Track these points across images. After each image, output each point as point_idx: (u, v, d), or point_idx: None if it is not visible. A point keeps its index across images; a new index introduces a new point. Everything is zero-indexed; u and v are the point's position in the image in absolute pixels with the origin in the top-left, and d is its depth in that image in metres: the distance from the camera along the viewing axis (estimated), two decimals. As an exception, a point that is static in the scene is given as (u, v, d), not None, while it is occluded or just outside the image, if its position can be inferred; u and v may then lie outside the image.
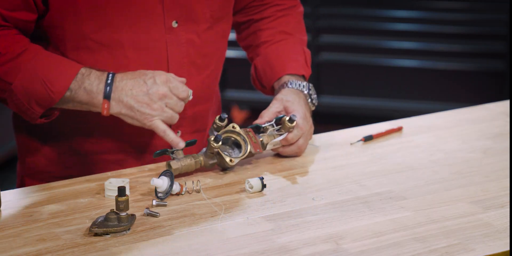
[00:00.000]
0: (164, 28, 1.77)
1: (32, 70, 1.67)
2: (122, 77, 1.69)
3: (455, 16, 4.14)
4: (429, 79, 4.26)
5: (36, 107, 1.69)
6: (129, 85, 1.68)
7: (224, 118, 1.71)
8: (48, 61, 1.69)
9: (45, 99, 1.68)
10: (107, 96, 1.67)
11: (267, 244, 1.42)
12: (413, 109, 4.16)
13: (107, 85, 1.67)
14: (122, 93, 1.68)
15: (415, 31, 4.19)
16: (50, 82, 1.67)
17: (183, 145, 1.70)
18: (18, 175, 1.93)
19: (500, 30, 4.09)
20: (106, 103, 1.68)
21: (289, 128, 1.76)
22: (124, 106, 1.68)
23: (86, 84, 1.68)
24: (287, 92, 1.86)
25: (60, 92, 1.67)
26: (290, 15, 2.01)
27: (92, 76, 1.68)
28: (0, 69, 1.67)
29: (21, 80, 1.67)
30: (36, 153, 1.87)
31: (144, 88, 1.68)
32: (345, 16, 4.23)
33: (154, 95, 1.68)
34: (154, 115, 1.69)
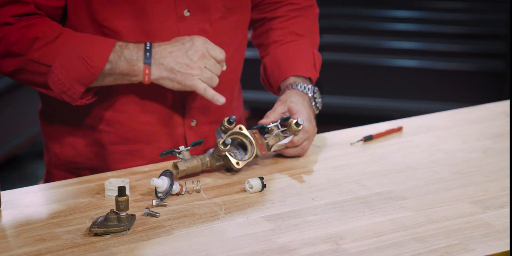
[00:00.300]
0: (176, 17, 1.78)
1: (70, 50, 1.70)
2: (160, 43, 1.73)
3: (455, 16, 4.14)
4: (429, 79, 4.26)
5: (77, 86, 1.72)
6: (168, 49, 1.72)
7: (233, 121, 1.71)
8: (84, 40, 1.73)
9: (86, 76, 1.71)
10: (147, 61, 1.71)
11: (267, 244, 1.42)
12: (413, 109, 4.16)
13: (146, 51, 1.72)
14: (162, 57, 1.72)
15: (415, 31, 4.19)
16: (89, 58, 1.70)
17: (223, 100, 1.75)
18: (46, 167, 1.97)
19: (500, 30, 4.09)
20: (147, 68, 1.71)
21: (295, 131, 1.77)
22: (164, 69, 1.72)
23: (126, 53, 1.71)
24: (291, 93, 1.86)
25: (99, 67, 1.70)
26: (304, 16, 2.01)
27: (130, 46, 1.72)
28: (38, 53, 1.71)
29: (61, 61, 1.70)
30: (66, 144, 1.90)
31: (183, 50, 1.72)
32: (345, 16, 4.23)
33: (193, 55, 1.72)
34: (194, 75, 1.73)
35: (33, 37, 1.70)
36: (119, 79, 1.74)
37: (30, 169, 4.10)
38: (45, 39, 1.71)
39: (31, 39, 1.70)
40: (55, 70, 1.71)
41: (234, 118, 1.71)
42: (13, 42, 1.71)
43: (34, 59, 1.71)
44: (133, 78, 1.73)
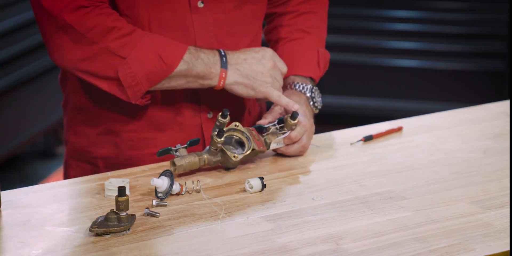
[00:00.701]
0: (190, 8, 1.78)
1: (147, 45, 1.71)
2: (232, 52, 1.77)
3: (455, 16, 4.14)
4: (429, 79, 4.26)
5: (146, 82, 1.72)
6: (242, 56, 1.76)
7: (227, 115, 1.71)
8: (158, 39, 1.74)
9: (157, 73, 1.72)
10: (224, 65, 1.74)
11: (267, 244, 1.42)
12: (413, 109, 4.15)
13: (222, 56, 1.75)
14: (238, 63, 1.75)
15: (415, 31, 4.18)
16: (164, 55, 1.72)
17: (297, 106, 1.77)
18: (64, 160, 1.97)
19: (500, 30, 4.09)
20: (224, 72, 1.74)
21: (292, 125, 1.76)
22: (240, 75, 1.75)
23: (202, 56, 1.74)
24: (289, 93, 1.86)
25: (172, 65, 1.71)
26: (313, 12, 2.01)
27: (205, 50, 1.75)
28: (115, 43, 1.70)
29: (137, 54, 1.71)
30: (80, 134, 1.90)
31: (257, 58, 1.77)
32: (345, 16, 4.23)
33: (267, 64, 1.77)
34: (268, 82, 1.77)
35: (110, 26, 1.69)
36: (191, 82, 1.75)
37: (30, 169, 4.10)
38: (122, 31, 1.70)
39: (108, 28, 1.69)
40: (130, 62, 1.70)
41: (228, 112, 1.71)
42: (90, 28, 1.69)
43: (110, 49, 1.70)
44: (206, 82, 1.75)
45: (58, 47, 1.72)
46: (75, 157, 1.92)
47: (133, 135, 1.85)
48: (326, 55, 1.99)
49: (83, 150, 1.90)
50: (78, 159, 1.92)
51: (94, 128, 1.88)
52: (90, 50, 1.70)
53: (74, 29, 1.69)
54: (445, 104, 4.04)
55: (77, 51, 1.71)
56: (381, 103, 4.32)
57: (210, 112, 1.87)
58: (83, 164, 1.90)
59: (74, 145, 1.91)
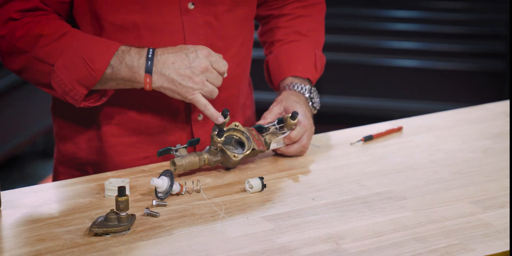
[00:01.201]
0: (180, 10, 1.77)
1: (73, 50, 1.69)
2: (163, 51, 1.70)
3: (455, 16, 4.14)
4: (429, 79, 4.26)
5: (79, 87, 1.71)
6: (171, 58, 1.69)
7: (227, 114, 1.71)
8: (88, 41, 1.71)
9: (87, 78, 1.70)
10: (148, 70, 1.69)
11: (267, 244, 1.42)
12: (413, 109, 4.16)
13: (148, 59, 1.69)
14: (164, 67, 1.69)
15: (415, 31, 4.19)
16: (90, 60, 1.69)
17: (222, 120, 1.71)
18: (54, 164, 1.97)
19: (500, 30, 4.09)
20: (148, 77, 1.69)
21: (292, 125, 1.76)
22: (166, 80, 1.69)
23: (127, 59, 1.69)
24: (288, 94, 1.86)
25: (100, 70, 1.69)
26: (310, 15, 2.00)
27: (132, 51, 1.70)
28: (42, 50, 1.70)
29: (63, 61, 1.69)
30: (67, 140, 1.89)
31: (186, 62, 1.69)
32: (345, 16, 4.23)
33: (196, 68, 1.69)
34: (196, 89, 1.70)
35: (38, 34, 1.69)
36: (121, 84, 1.72)
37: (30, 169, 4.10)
38: (50, 37, 1.70)
39: (35, 36, 1.69)
40: (57, 70, 1.70)
41: (228, 111, 1.71)
42: (18, 37, 1.70)
43: (38, 57, 1.70)
44: (135, 84, 1.72)
45: (2, 57, 1.75)
46: (64, 163, 1.92)
47: (120, 139, 1.85)
48: (323, 59, 1.99)
49: (72, 156, 1.89)
50: (67, 165, 1.91)
51: (81, 135, 1.87)
52: (24, 59, 1.71)
53: (6, 40, 1.70)
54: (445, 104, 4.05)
55: (14, 61, 1.73)
56: (381, 103, 4.32)
57: (201, 115, 1.86)
58: (72, 171, 1.89)
59: (63, 151, 1.91)
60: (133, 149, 1.85)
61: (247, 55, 1.93)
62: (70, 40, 1.70)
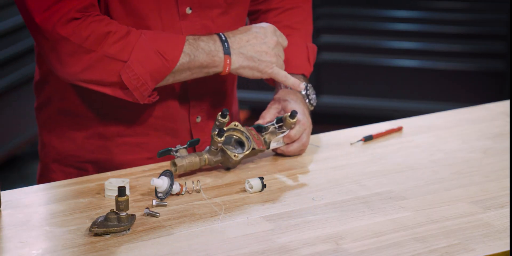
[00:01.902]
0: (178, 15, 1.77)
1: (144, 44, 1.69)
2: (233, 33, 1.74)
3: (455, 16, 4.14)
4: (429, 79, 4.26)
5: (150, 81, 1.71)
6: (245, 37, 1.74)
7: (226, 114, 1.71)
8: (155, 35, 1.72)
9: (160, 70, 1.70)
10: (227, 52, 1.71)
11: (267, 244, 1.42)
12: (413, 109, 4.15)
13: (223, 42, 1.72)
14: (241, 46, 1.72)
15: (415, 31, 4.19)
16: (164, 52, 1.70)
17: (303, 86, 1.78)
18: (42, 162, 1.95)
19: (500, 30, 4.09)
20: (228, 58, 1.72)
21: (291, 124, 1.77)
22: (245, 58, 1.72)
23: (202, 45, 1.71)
24: (285, 92, 1.86)
25: (174, 60, 1.70)
26: (298, 7, 2.00)
27: (204, 38, 1.72)
28: (114, 48, 1.68)
29: (137, 55, 1.69)
30: (64, 138, 1.89)
31: (259, 38, 1.74)
32: (345, 16, 4.23)
33: (271, 42, 1.74)
34: (273, 62, 1.75)
35: (105, 31, 1.68)
36: (196, 73, 1.73)
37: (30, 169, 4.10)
38: (117, 34, 1.69)
39: (103, 34, 1.68)
40: (131, 65, 1.69)
41: (227, 111, 1.71)
42: (85, 37, 1.67)
43: (109, 55, 1.68)
44: (212, 70, 1.73)
45: (57, 61, 1.70)
46: (58, 161, 1.91)
47: (127, 139, 1.85)
48: (314, 49, 1.99)
49: (69, 154, 1.89)
50: (62, 163, 1.90)
51: (81, 132, 1.86)
52: (89, 59, 1.69)
53: (69, 41, 1.67)
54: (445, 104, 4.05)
55: (77, 62, 1.69)
56: (381, 103, 4.32)
57: (199, 117, 1.87)
58: (67, 169, 1.89)
59: (57, 149, 1.90)
60: (137, 149, 1.85)
61: None
62: (137, 35, 1.70)
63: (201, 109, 1.87)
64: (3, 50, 3.64)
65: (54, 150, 1.91)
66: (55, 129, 1.90)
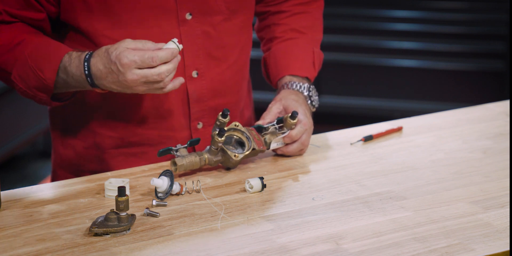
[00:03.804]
0: (177, 20, 1.77)
1: (24, 60, 1.71)
2: (95, 64, 1.66)
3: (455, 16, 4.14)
4: (429, 79, 4.26)
5: (40, 94, 1.73)
6: (104, 73, 1.66)
7: (227, 114, 1.70)
8: (37, 49, 1.72)
9: (43, 86, 1.72)
10: (92, 85, 1.69)
11: (267, 244, 1.42)
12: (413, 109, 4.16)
13: (87, 76, 1.68)
14: (103, 81, 1.67)
15: (415, 31, 4.19)
16: (40, 70, 1.70)
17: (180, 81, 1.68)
18: (52, 166, 1.97)
19: (500, 30, 4.10)
20: (96, 89, 1.71)
21: (291, 124, 1.77)
22: (112, 88, 1.68)
23: (72, 73, 1.69)
24: (287, 93, 1.86)
25: (50, 78, 1.70)
26: (308, 12, 2.00)
27: (73, 65, 1.69)
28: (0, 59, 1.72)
29: (17, 70, 1.71)
30: (68, 146, 1.90)
31: (115, 76, 1.64)
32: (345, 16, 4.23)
33: (127, 82, 1.64)
34: (141, 92, 1.67)
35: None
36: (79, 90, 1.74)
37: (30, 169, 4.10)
38: (6, 47, 1.71)
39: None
40: (14, 80, 1.73)
41: (228, 111, 1.70)
42: None
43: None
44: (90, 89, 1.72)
45: None
46: (63, 168, 1.92)
47: (123, 150, 1.85)
48: (321, 56, 1.99)
49: (71, 162, 1.90)
50: (66, 170, 1.92)
51: (81, 142, 1.87)
52: None
53: None
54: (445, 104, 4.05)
55: None
56: (381, 103, 4.32)
57: (200, 123, 1.86)
58: (71, 176, 1.89)
59: (62, 156, 1.91)
60: (133, 159, 1.85)
61: (246, 62, 1.94)
62: (23, 48, 1.71)
63: (202, 114, 1.86)
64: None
65: (60, 156, 1.92)
66: (61, 136, 1.90)
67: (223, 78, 1.85)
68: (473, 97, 4.11)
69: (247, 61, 1.94)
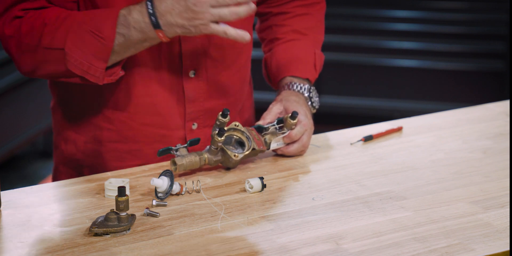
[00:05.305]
0: None
1: (76, 27, 1.68)
2: (160, 1, 1.67)
3: (455, 16, 4.14)
4: (429, 79, 4.26)
5: (97, 62, 1.69)
6: (170, 5, 1.66)
7: (227, 114, 1.70)
8: (87, 15, 1.70)
9: (101, 50, 1.68)
10: (156, 26, 1.67)
11: (267, 244, 1.42)
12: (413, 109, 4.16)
13: (150, 15, 1.66)
14: (168, 17, 1.66)
15: (415, 31, 4.19)
16: (98, 30, 1.67)
17: (248, 36, 1.68)
18: (54, 163, 1.96)
19: (500, 30, 4.10)
20: (159, 32, 1.67)
21: (292, 125, 1.77)
22: (176, 27, 1.67)
23: (133, 23, 1.68)
24: (287, 93, 1.86)
25: (109, 37, 1.67)
26: (310, 14, 1.99)
27: (133, 13, 1.68)
28: (49, 38, 1.69)
29: (72, 40, 1.68)
30: (69, 142, 1.89)
31: (183, 3, 1.65)
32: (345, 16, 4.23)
33: (195, 5, 1.64)
34: (205, 23, 1.66)
35: (41, 23, 1.69)
36: (140, 47, 1.71)
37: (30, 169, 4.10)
38: (53, 25, 1.69)
39: (40, 26, 1.69)
40: (69, 51, 1.68)
41: (228, 111, 1.70)
42: (25, 33, 1.69)
43: (47, 46, 1.68)
44: (153, 41, 1.70)
45: (15, 61, 1.75)
46: (65, 164, 1.92)
47: (118, 146, 1.85)
48: (322, 58, 1.99)
49: (72, 157, 1.90)
50: (68, 166, 1.91)
51: (81, 136, 1.87)
52: (35, 55, 1.71)
53: (14, 39, 1.70)
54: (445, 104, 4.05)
55: (27, 59, 1.72)
56: (381, 103, 4.33)
57: (195, 123, 1.86)
58: (71, 171, 1.90)
59: (64, 151, 1.91)
60: (128, 156, 1.85)
61: (246, 64, 1.93)
62: (72, 20, 1.69)
63: (197, 115, 1.86)
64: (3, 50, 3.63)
65: (62, 153, 1.91)
66: (62, 132, 1.90)
67: (220, 79, 1.85)
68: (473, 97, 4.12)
69: (247, 63, 1.94)
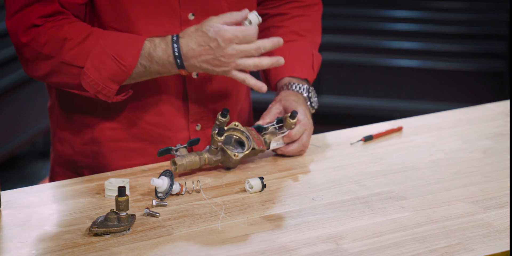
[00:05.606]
0: (180, 20, 1.77)
1: (100, 49, 1.70)
2: (187, 44, 1.69)
3: (455, 16, 4.14)
4: (429, 79, 4.26)
5: (111, 84, 1.71)
6: (197, 52, 1.69)
7: (226, 114, 1.70)
8: (113, 38, 1.71)
9: (118, 75, 1.70)
10: (180, 66, 1.70)
11: (267, 244, 1.42)
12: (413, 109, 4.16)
13: (176, 58, 1.69)
14: (193, 61, 1.69)
15: (415, 31, 4.19)
16: (120, 57, 1.69)
17: (265, 89, 1.74)
18: (51, 164, 1.97)
19: (500, 30, 4.10)
20: (182, 71, 1.71)
21: (291, 124, 1.77)
22: (199, 69, 1.71)
23: (156, 58, 1.70)
24: (287, 94, 1.86)
25: (131, 65, 1.70)
26: (307, 15, 2.00)
27: (158, 50, 1.70)
28: (69, 54, 1.70)
29: (92, 61, 1.70)
30: (65, 143, 1.90)
31: (211, 52, 1.68)
32: (345, 16, 4.23)
33: (223, 57, 1.68)
34: (229, 70, 1.71)
35: (62, 38, 1.70)
36: (156, 76, 1.75)
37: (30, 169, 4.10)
38: (75, 40, 1.70)
39: (60, 40, 1.70)
40: (87, 71, 1.70)
41: (228, 110, 1.70)
42: (43, 44, 1.70)
43: (66, 61, 1.70)
44: (171, 73, 1.74)
45: (24, 65, 1.76)
46: (61, 165, 1.92)
47: (122, 144, 1.85)
48: (319, 59, 1.99)
49: (68, 158, 1.90)
50: (64, 167, 1.91)
51: (78, 137, 1.87)
52: (49, 65, 1.72)
53: (30, 47, 1.71)
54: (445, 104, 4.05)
55: (40, 67, 1.73)
56: (381, 103, 4.32)
57: (198, 124, 1.86)
58: (69, 173, 1.90)
59: (60, 152, 1.91)
60: (133, 154, 1.85)
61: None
62: (95, 40, 1.70)
63: (201, 116, 1.86)
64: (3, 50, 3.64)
65: (58, 153, 1.92)
66: (58, 133, 1.91)
67: (222, 79, 1.86)
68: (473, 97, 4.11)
69: None
